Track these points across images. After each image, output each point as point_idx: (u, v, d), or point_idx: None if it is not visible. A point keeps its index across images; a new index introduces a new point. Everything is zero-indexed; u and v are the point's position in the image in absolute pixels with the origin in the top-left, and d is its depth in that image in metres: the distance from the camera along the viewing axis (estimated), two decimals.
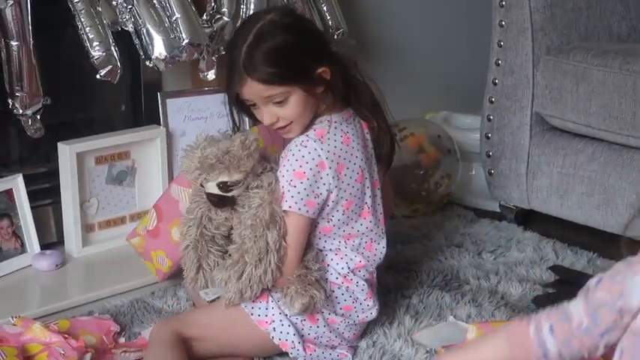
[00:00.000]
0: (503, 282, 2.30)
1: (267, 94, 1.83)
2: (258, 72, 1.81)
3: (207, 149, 1.86)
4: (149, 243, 2.17)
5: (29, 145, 2.53)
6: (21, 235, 2.33)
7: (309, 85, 1.84)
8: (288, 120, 1.86)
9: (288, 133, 1.89)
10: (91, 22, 2.25)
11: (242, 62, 1.82)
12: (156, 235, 2.16)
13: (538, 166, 2.59)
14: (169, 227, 2.12)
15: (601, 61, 2.42)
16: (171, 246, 2.11)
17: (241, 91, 1.85)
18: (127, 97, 2.66)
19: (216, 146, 1.85)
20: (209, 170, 1.85)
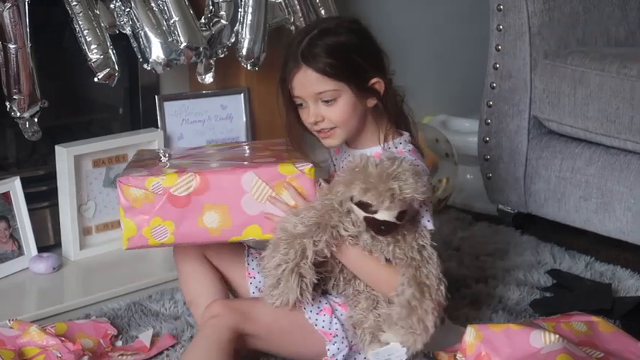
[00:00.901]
0: (501, 286, 2.30)
1: (318, 89, 1.80)
2: (314, 60, 1.79)
3: (383, 164, 1.70)
4: (160, 206, 1.79)
5: (27, 147, 2.53)
6: (18, 237, 2.33)
7: (360, 91, 1.83)
8: (333, 123, 1.83)
9: (328, 139, 1.86)
10: (89, 25, 2.25)
11: (301, 50, 1.80)
12: (178, 204, 1.78)
13: (536, 170, 2.59)
14: (204, 208, 1.79)
15: (599, 65, 2.42)
16: (191, 228, 1.80)
17: (293, 81, 1.82)
18: (125, 100, 2.66)
19: (381, 165, 1.71)
20: (372, 190, 1.67)
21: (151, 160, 1.96)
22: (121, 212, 1.79)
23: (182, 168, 1.82)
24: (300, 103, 1.84)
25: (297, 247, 1.71)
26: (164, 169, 1.83)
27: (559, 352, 1.59)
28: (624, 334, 1.80)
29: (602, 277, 2.36)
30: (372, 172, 1.68)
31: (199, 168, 1.81)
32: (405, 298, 1.72)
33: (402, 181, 1.67)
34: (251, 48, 2.48)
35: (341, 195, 1.71)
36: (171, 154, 2.03)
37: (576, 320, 1.79)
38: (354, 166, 1.71)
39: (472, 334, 1.65)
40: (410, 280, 1.72)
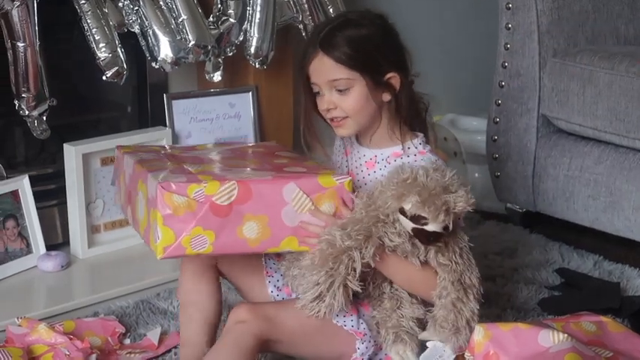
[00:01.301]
0: (509, 284, 2.29)
1: (332, 77, 1.82)
2: (331, 48, 1.82)
3: (435, 176, 1.70)
4: (202, 215, 1.69)
5: (35, 146, 2.54)
6: (27, 235, 2.33)
7: (375, 84, 1.84)
8: (345, 113, 1.84)
9: (340, 128, 1.87)
10: (98, 24, 2.25)
11: (320, 38, 1.83)
12: (219, 213, 1.69)
13: (544, 169, 2.59)
14: (245, 219, 1.71)
15: (608, 64, 2.42)
16: (230, 239, 1.71)
17: (310, 67, 1.84)
18: (133, 99, 2.67)
19: (432, 176, 1.70)
20: (430, 202, 1.66)
21: (158, 161, 1.89)
22: (159, 220, 1.67)
23: (216, 175, 1.75)
24: (317, 90, 1.86)
25: (346, 261, 1.68)
26: (200, 175, 1.74)
27: (567, 352, 1.59)
28: (634, 335, 1.80)
29: (611, 275, 2.35)
30: (426, 184, 1.67)
31: (235, 175, 1.74)
32: (449, 300, 1.73)
33: (455, 193, 1.68)
34: (259, 46, 2.48)
35: (391, 207, 1.69)
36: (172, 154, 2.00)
37: (585, 320, 1.79)
38: (405, 178, 1.69)
39: (481, 333, 1.65)
40: (455, 282, 1.73)
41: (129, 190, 1.88)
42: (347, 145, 1.97)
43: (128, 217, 1.92)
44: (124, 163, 1.94)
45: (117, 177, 2.03)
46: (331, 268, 1.68)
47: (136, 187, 1.81)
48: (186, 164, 1.83)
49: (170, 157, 1.92)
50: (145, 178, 1.75)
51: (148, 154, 1.93)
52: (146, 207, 1.74)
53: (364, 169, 1.91)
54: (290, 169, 1.82)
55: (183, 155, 1.94)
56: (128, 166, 1.89)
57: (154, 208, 1.68)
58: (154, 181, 1.69)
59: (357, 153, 1.94)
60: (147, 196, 1.74)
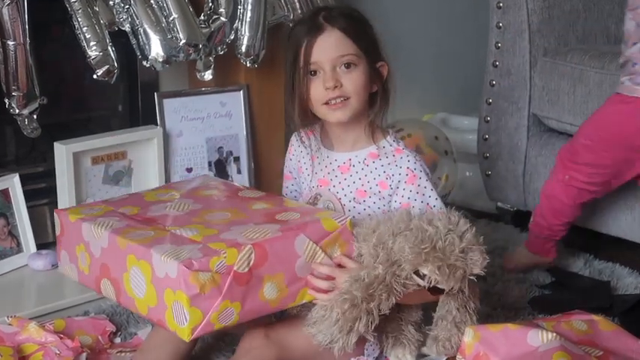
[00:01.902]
0: (500, 283, 2.30)
1: (340, 52, 1.80)
2: (338, 21, 1.81)
3: (452, 238, 1.67)
4: (227, 287, 1.61)
5: (26, 144, 2.53)
6: (17, 234, 2.33)
7: (371, 68, 1.85)
8: (348, 92, 1.82)
9: (338, 111, 1.83)
10: (88, 22, 2.25)
11: (322, 15, 1.83)
12: (242, 282, 1.62)
13: (535, 168, 2.59)
14: (264, 281, 1.64)
15: (598, 63, 2.42)
16: (254, 305, 1.65)
17: (314, 46, 1.81)
18: (124, 97, 2.66)
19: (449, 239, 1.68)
20: (449, 274, 1.65)
21: (135, 228, 1.76)
22: (185, 302, 1.57)
23: (225, 239, 1.66)
24: (315, 70, 1.82)
25: (365, 319, 1.65)
26: (210, 244, 1.64)
27: (556, 350, 1.59)
28: (625, 333, 1.80)
29: (601, 274, 2.36)
30: (444, 251, 1.65)
31: (241, 236, 1.66)
32: (454, 324, 1.75)
33: (471, 257, 1.67)
34: (250, 45, 2.48)
35: (406, 269, 1.66)
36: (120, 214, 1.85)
37: (577, 319, 1.79)
38: (424, 247, 1.65)
39: (470, 335, 1.65)
40: (461, 308, 1.75)
41: (103, 264, 1.76)
42: (313, 152, 1.95)
43: (103, 291, 1.78)
44: (82, 231, 1.80)
45: (67, 245, 1.88)
46: (350, 327, 1.65)
47: (122, 263, 1.70)
48: (174, 228, 1.73)
49: (139, 219, 1.80)
50: (144, 255, 1.64)
51: (108, 219, 1.80)
52: (153, 286, 1.64)
53: (338, 173, 1.90)
54: (283, 216, 1.76)
55: (153, 215, 1.82)
56: (95, 236, 1.77)
57: (176, 290, 1.58)
58: (172, 260, 1.58)
59: (326, 158, 1.93)
60: (152, 274, 1.63)
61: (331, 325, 1.65)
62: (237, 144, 2.65)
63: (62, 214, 1.88)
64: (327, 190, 1.91)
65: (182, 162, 2.58)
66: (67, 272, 1.90)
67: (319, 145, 1.95)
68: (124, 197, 2.00)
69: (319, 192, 1.93)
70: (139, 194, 1.99)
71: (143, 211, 1.84)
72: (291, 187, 2.05)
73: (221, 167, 2.63)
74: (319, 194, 1.92)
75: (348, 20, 1.83)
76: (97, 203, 1.96)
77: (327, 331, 1.66)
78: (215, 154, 2.62)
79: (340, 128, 1.89)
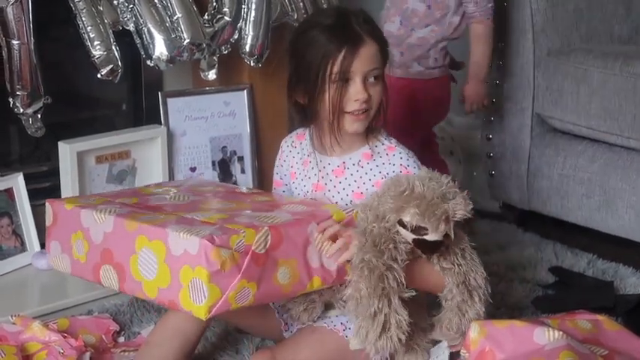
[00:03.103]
0: (503, 283, 2.30)
1: (374, 65, 1.82)
2: (375, 34, 1.83)
3: (431, 185, 1.68)
4: (245, 266, 1.62)
5: (30, 144, 2.53)
6: (21, 233, 2.33)
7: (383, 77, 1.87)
8: (372, 105, 1.84)
9: (360, 122, 1.84)
10: (92, 22, 2.25)
11: (356, 23, 1.83)
12: (259, 262, 1.63)
13: (538, 168, 2.59)
14: (279, 264, 1.66)
15: (602, 63, 2.42)
16: (269, 287, 1.66)
17: (357, 55, 1.80)
18: (128, 97, 2.66)
19: (429, 185, 1.68)
20: (429, 213, 1.65)
21: (145, 214, 1.76)
22: (204, 278, 1.57)
23: (243, 222, 1.68)
24: (347, 79, 1.82)
25: (391, 276, 1.64)
26: (226, 224, 1.65)
27: (562, 349, 1.59)
28: (629, 333, 1.80)
29: (605, 274, 2.36)
30: (423, 194, 1.67)
31: (257, 220, 1.69)
32: (455, 303, 1.73)
33: (453, 200, 1.68)
34: (254, 45, 2.48)
35: (391, 221, 1.68)
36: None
37: (581, 318, 1.79)
38: (402, 190, 1.68)
39: (476, 330, 1.65)
40: (460, 285, 1.73)
41: (105, 249, 1.75)
42: (305, 156, 1.95)
43: (103, 279, 1.77)
44: (80, 218, 1.79)
45: (60, 235, 1.86)
46: (383, 288, 1.64)
47: (129, 245, 1.69)
48: (182, 213, 1.74)
49: (142, 207, 1.80)
50: (159, 234, 1.64)
51: (110, 206, 1.80)
52: (166, 266, 1.63)
53: (332, 177, 1.90)
54: (289, 207, 1.80)
55: (155, 204, 1.83)
56: (97, 221, 1.76)
57: (195, 266, 1.58)
58: (193, 237, 1.58)
59: (319, 163, 1.92)
60: (167, 253, 1.63)
61: (367, 300, 1.64)
62: (241, 143, 2.65)
63: (56, 203, 1.88)
64: (323, 195, 1.91)
65: (186, 161, 2.58)
66: (56, 264, 1.89)
67: (311, 149, 1.94)
68: (119, 191, 2.01)
69: (314, 197, 1.92)
70: (133, 188, 2.01)
71: (143, 201, 1.86)
72: (282, 193, 2.05)
73: (225, 167, 2.63)
74: (314, 199, 1.92)
75: (379, 32, 1.86)
76: (91, 195, 1.97)
77: (366, 308, 1.64)
78: (219, 154, 2.62)
79: (344, 134, 1.89)
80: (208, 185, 2.04)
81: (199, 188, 1.98)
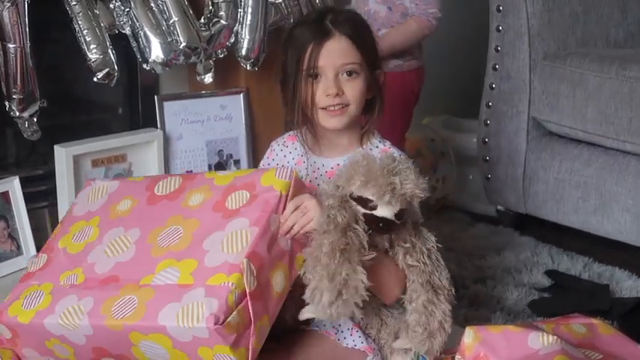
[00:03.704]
0: (499, 286, 2.30)
1: (346, 60, 1.81)
2: (346, 28, 1.81)
3: (384, 161, 1.66)
4: (253, 315, 1.57)
5: (26, 147, 2.53)
6: (17, 237, 2.33)
7: (370, 76, 1.85)
8: (348, 100, 1.83)
9: (336, 118, 1.83)
10: (89, 25, 2.25)
11: (330, 20, 1.82)
12: (258, 296, 1.59)
13: (534, 171, 2.59)
14: (270, 276, 1.63)
15: (597, 67, 2.43)
16: (273, 304, 1.64)
17: (322, 51, 1.80)
18: (124, 100, 2.66)
19: (383, 162, 1.66)
20: (373, 183, 1.63)
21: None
22: (228, 351, 1.54)
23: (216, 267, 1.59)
24: (317, 74, 1.82)
25: (352, 234, 1.61)
26: (207, 281, 1.56)
27: (557, 354, 1.59)
28: (624, 337, 1.81)
29: (601, 277, 2.36)
30: (373, 167, 1.66)
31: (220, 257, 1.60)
32: (420, 303, 1.71)
33: (404, 177, 1.66)
34: (250, 48, 2.48)
35: (341, 190, 1.68)
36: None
37: (576, 322, 1.79)
38: (355, 162, 1.69)
39: (471, 336, 1.65)
40: (425, 284, 1.72)
41: (95, 347, 1.65)
42: (298, 156, 1.94)
43: None
44: (46, 328, 1.66)
45: (30, 343, 1.72)
46: (346, 244, 1.60)
47: (124, 341, 1.60)
48: (148, 279, 1.62)
49: (96, 285, 1.66)
50: (154, 328, 1.55)
51: (66, 302, 1.65)
52: (178, 351, 1.57)
53: (325, 179, 1.89)
54: (232, 202, 1.69)
55: (105, 272, 1.69)
56: (70, 328, 1.63)
57: (213, 345, 1.54)
58: (196, 324, 1.51)
59: (313, 164, 1.92)
60: (174, 342, 1.56)
61: (327, 257, 1.60)
62: (237, 147, 2.65)
63: (5, 317, 1.71)
64: None
65: (182, 165, 2.58)
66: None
67: (305, 150, 1.94)
68: (44, 260, 1.81)
69: None
70: (52, 245, 1.83)
71: (88, 271, 1.71)
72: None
73: (221, 170, 2.63)
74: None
75: (355, 27, 1.83)
76: (25, 282, 1.78)
77: (325, 267, 1.59)
78: (215, 157, 2.62)
79: (334, 133, 1.89)
80: (121, 198, 1.84)
81: (117, 208, 1.82)
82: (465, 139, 2.96)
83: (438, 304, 1.71)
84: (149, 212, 1.76)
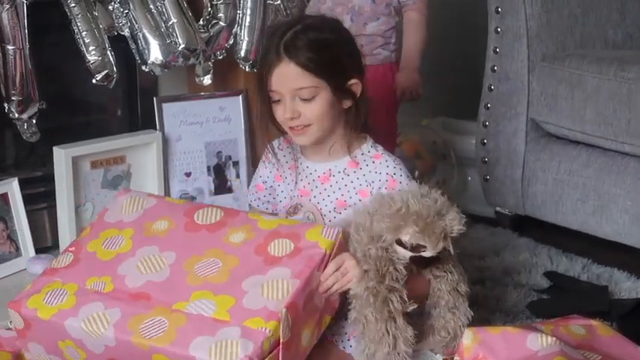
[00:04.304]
0: (498, 287, 2.30)
1: (297, 85, 1.78)
2: (297, 54, 1.77)
3: (426, 202, 1.66)
4: (284, 358, 1.58)
5: (25, 149, 2.53)
6: (16, 238, 2.33)
7: (338, 91, 1.82)
8: (309, 120, 1.80)
9: (301, 136, 1.83)
10: (88, 27, 2.25)
11: (284, 43, 1.78)
12: (291, 347, 1.59)
13: (533, 173, 2.59)
14: (301, 330, 1.63)
15: (596, 68, 2.43)
16: (300, 356, 1.65)
17: (272, 74, 1.79)
18: (123, 102, 2.67)
19: (423, 202, 1.66)
20: (429, 231, 1.64)
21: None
22: None
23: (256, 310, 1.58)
24: (278, 99, 1.81)
25: (395, 299, 1.64)
26: (244, 323, 1.55)
27: (556, 355, 1.59)
28: (623, 338, 1.80)
29: (599, 279, 2.36)
30: (420, 212, 1.65)
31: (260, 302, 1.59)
32: (447, 308, 1.75)
33: (448, 217, 1.66)
34: (249, 50, 2.48)
35: (388, 240, 1.66)
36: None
37: (575, 324, 1.79)
38: (398, 208, 1.66)
39: (469, 337, 1.65)
40: (452, 291, 1.75)
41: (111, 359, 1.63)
42: (292, 160, 1.94)
43: None
44: (66, 329, 1.62)
45: (41, 338, 1.70)
46: (389, 312, 1.64)
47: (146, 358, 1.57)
48: (181, 305, 1.59)
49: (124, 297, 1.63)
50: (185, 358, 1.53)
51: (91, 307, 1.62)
52: None
53: (318, 184, 1.89)
54: (275, 248, 1.69)
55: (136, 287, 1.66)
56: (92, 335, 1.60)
57: None
58: None
59: (305, 169, 1.92)
60: None
61: (374, 324, 1.64)
62: (236, 148, 2.65)
63: (23, 308, 1.68)
64: (308, 201, 1.90)
65: (181, 166, 2.58)
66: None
67: (298, 154, 1.93)
68: (70, 258, 1.76)
69: (300, 202, 1.91)
70: (80, 245, 1.79)
71: (118, 282, 1.68)
72: (262, 197, 2.01)
73: (220, 172, 2.63)
74: (300, 204, 1.91)
75: (312, 50, 1.77)
76: (48, 276, 1.74)
77: (374, 333, 1.64)
78: (214, 159, 2.63)
79: (312, 144, 1.88)
80: (158, 217, 1.80)
81: (153, 227, 1.78)
82: (463, 140, 2.95)
83: (462, 309, 1.76)
84: (187, 239, 1.74)
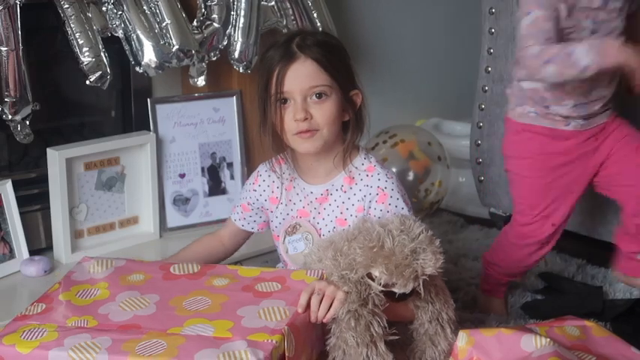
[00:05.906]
0: None
1: (312, 83, 1.78)
2: (312, 51, 1.78)
3: (402, 241, 1.65)
4: None
5: (18, 150, 2.53)
6: (9, 240, 2.32)
7: (344, 97, 1.82)
8: (318, 125, 1.80)
9: (308, 141, 1.81)
10: (81, 28, 2.25)
11: (295, 44, 1.79)
12: None
13: None
14: (300, 353, 1.63)
15: None
16: None
17: (287, 75, 1.78)
18: (117, 103, 2.66)
19: (400, 240, 1.65)
20: (397, 273, 1.63)
21: None
22: None
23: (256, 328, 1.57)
24: (286, 99, 1.80)
25: (371, 318, 1.65)
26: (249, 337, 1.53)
27: (550, 356, 1.59)
28: (617, 339, 1.81)
29: (594, 280, 2.36)
30: (393, 251, 1.64)
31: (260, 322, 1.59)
32: (427, 336, 1.75)
33: (422, 258, 1.65)
34: (243, 51, 2.48)
35: (359, 273, 1.66)
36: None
37: (569, 325, 1.79)
38: (372, 246, 1.65)
39: (464, 339, 1.65)
40: (433, 321, 1.74)
41: None
42: (287, 181, 1.92)
43: None
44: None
45: None
46: (371, 336, 1.64)
47: None
48: (176, 329, 1.55)
49: (113, 329, 1.57)
50: None
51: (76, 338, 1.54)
52: None
53: (317, 205, 1.88)
54: (263, 287, 1.70)
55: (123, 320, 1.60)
56: None
57: None
58: None
59: (302, 190, 1.91)
60: None
61: (355, 349, 1.64)
62: (231, 150, 2.65)
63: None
64: (307, 222, 1.90)
65: (175, 168, 2.58)
66: None
67: (294, 174, 1.92)
68: (42, 307, 1.68)
69: (299, 222, 1.91)
70: (50, 297, 1.71)
71: (101, 319, 1.61)
72: (248, 217, 2.01)
73: (214, 173, 2.63)
74: (299, 224, 1.91)
75: (323, 49, 1.79)
76: (22, 321, 1.63)
77: (354, 358, 1.64)
78: (208, 160, 2.62)
79: (311, 158, 1.87)
80: (131, 271, 1.78)
81: (129, 278, 1.75)
82: (457, 141, 2.95)
83: (444, 337, 1.74)
84: (167, 285, 1.72)
